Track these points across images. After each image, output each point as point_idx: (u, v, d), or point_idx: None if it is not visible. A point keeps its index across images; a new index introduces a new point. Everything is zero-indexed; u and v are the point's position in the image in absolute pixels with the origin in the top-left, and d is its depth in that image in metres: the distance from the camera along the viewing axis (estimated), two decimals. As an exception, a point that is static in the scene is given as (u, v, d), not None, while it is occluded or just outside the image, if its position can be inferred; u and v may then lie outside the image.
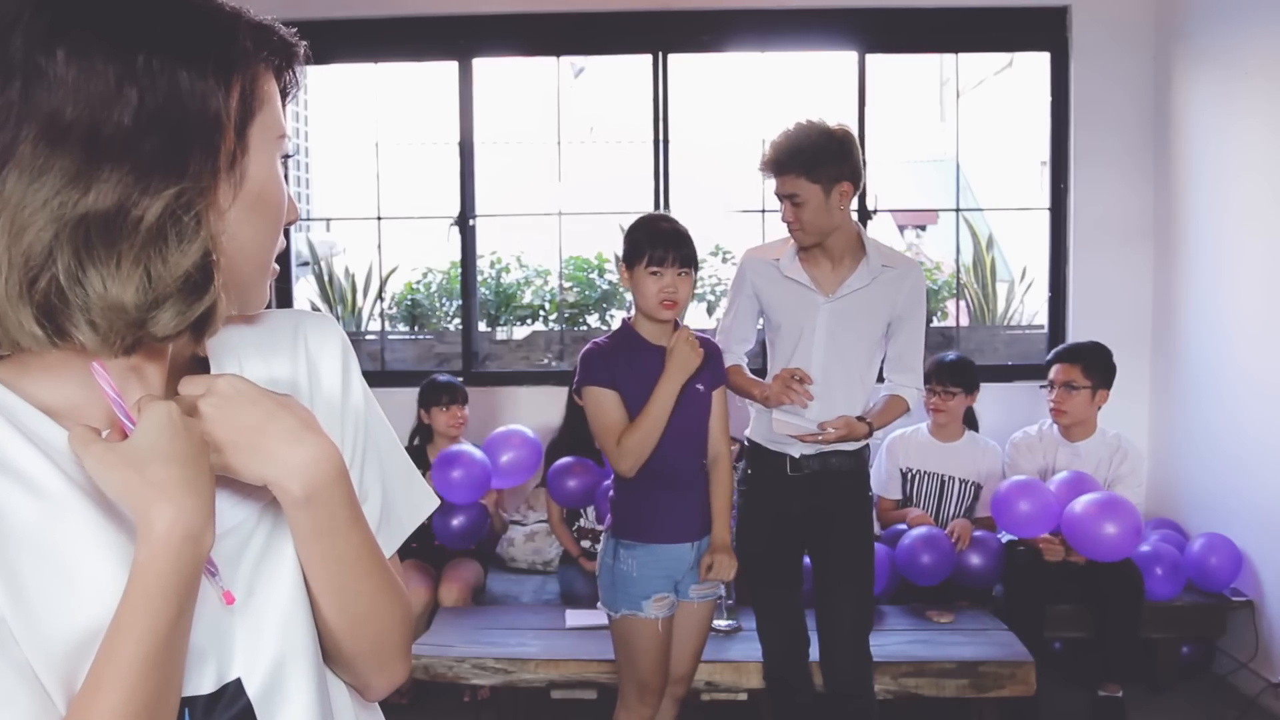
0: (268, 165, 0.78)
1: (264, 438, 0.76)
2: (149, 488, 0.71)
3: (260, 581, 0.81)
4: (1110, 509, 3.32)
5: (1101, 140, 4.37)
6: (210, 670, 0.78)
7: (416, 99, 7.67)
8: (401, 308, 5.76)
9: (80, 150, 0.69)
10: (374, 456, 0.92)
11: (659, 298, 2.49)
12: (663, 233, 2.50)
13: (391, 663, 0.90)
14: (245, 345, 0.87)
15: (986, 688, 3.00)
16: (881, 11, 4.42)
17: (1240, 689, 3.64)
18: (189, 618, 0.73)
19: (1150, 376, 4.37)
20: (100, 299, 0.70)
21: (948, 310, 5.89)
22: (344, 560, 0.81)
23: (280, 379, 0.87)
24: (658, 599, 2.55)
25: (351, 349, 0.93)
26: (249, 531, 0.81)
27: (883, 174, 5.56)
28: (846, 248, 2.78)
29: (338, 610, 0.83)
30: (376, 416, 0.95)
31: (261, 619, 0.80)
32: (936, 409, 3.82)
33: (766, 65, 5.08)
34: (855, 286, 2.76)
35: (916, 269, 2.87)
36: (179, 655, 0.73)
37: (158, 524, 0.70)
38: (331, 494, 0.78)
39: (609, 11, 4.45)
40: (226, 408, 0.75)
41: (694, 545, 2.62)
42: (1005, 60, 9.88)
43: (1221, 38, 3.86)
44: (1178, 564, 3.65)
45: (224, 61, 0.74)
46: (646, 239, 2.50)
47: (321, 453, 0.77)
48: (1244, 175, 3.72)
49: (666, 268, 2.47)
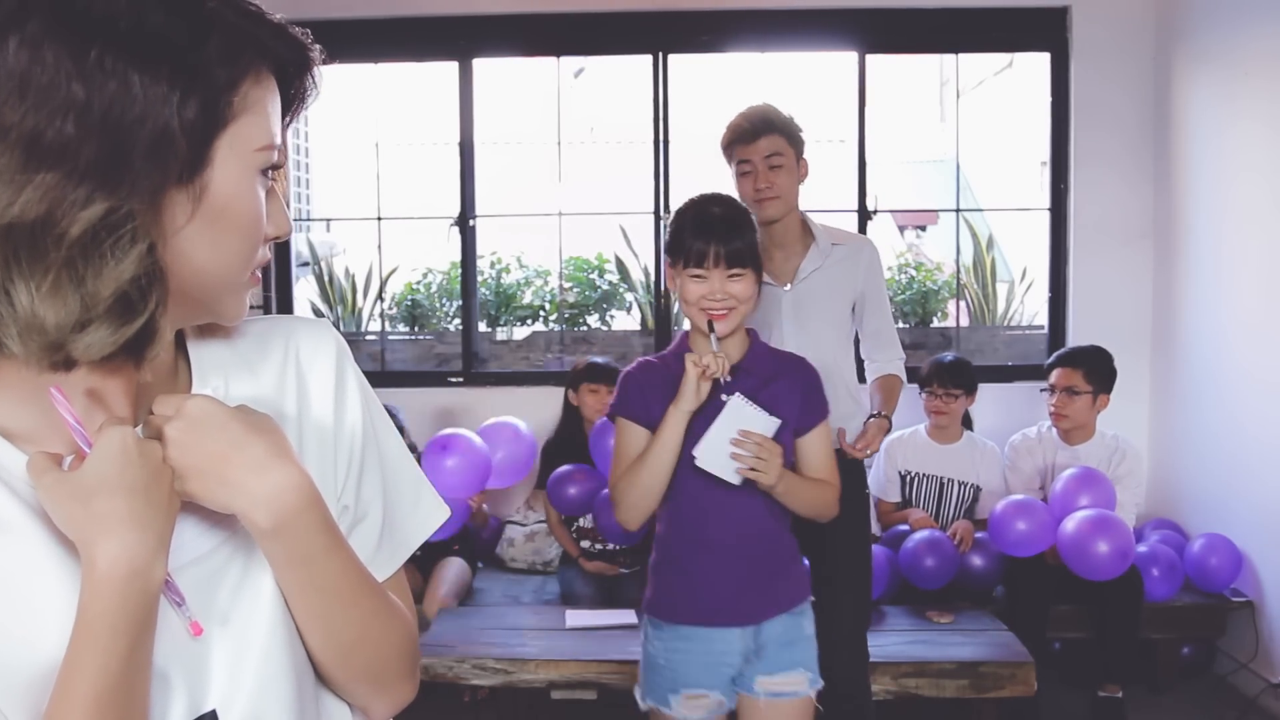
0: (238, 178, 0.73)
1: (229, 466, 0.72)
2: (92, 522, 0.68)
3: (238, 609, 0.78)
4: (1102, 527, 3.31)
5: (1101, 141, 4.37)
6: (180, 701, 0.75)
7: (416, 99, 7.68)
8: (402, 308, 5.75)
9: (18, 152, 0.64)
10: (374, 471, 0.89)
11: (700, 305, 1.95)
12: (709, 220, 1.96)
13: (392, 686, 0.87)
14: (234, 359, 0.84)
15: (986, 688, 3.00)
16: (881, 11, 4.42)
17: (1240, 689, 3.64)
18: (145, 652, 0.71)
19: (1150, 376, 4.36)
20: (24, 314, 0.66)
21: (948, 311, 5.88)
22: (325, 588, 0.78)
23: (266, 396, 0.83)
24: (691, 697, 1.96)
25: (349, 358, 0.89)
26: (226, 557, 0.78)
27: (883, 174, 5.55)
28: (795, 234, 2.76)
29: (324, 638, 0.80)
30: (381, 427, 0.91)
31: (241, 648, 0.77)
32: (938, 411, 3.81)
33: (766, 65, 5.09)
34: (810, 269, 2.73)
35: (868, 243, 2.86)
36: (138, 689, 0.71)
37: (100, 561, 0.68)
38: (301, 523, 0.75)
39: (609, 12, 4.45)
40: (193, 433, 0.72)
41: (749, 631, 1.99)
42: (1005, 60, 9.87)
43: (1221, 38, 3.86)
44: (1178, 564, 3.65)
45: (183, 66, 0.68)
46: (691, 227, 1.97)
47: (289, 482, 0.74)
48: (1244, 175, 3.72)
49: (710, 268, 1.94)
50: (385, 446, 0.91)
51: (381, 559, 0.89)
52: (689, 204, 2.03)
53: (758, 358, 2.03)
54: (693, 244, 1.94)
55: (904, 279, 5.63)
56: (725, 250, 1.92)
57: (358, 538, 0.87)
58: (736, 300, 1.93)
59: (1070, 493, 3.49)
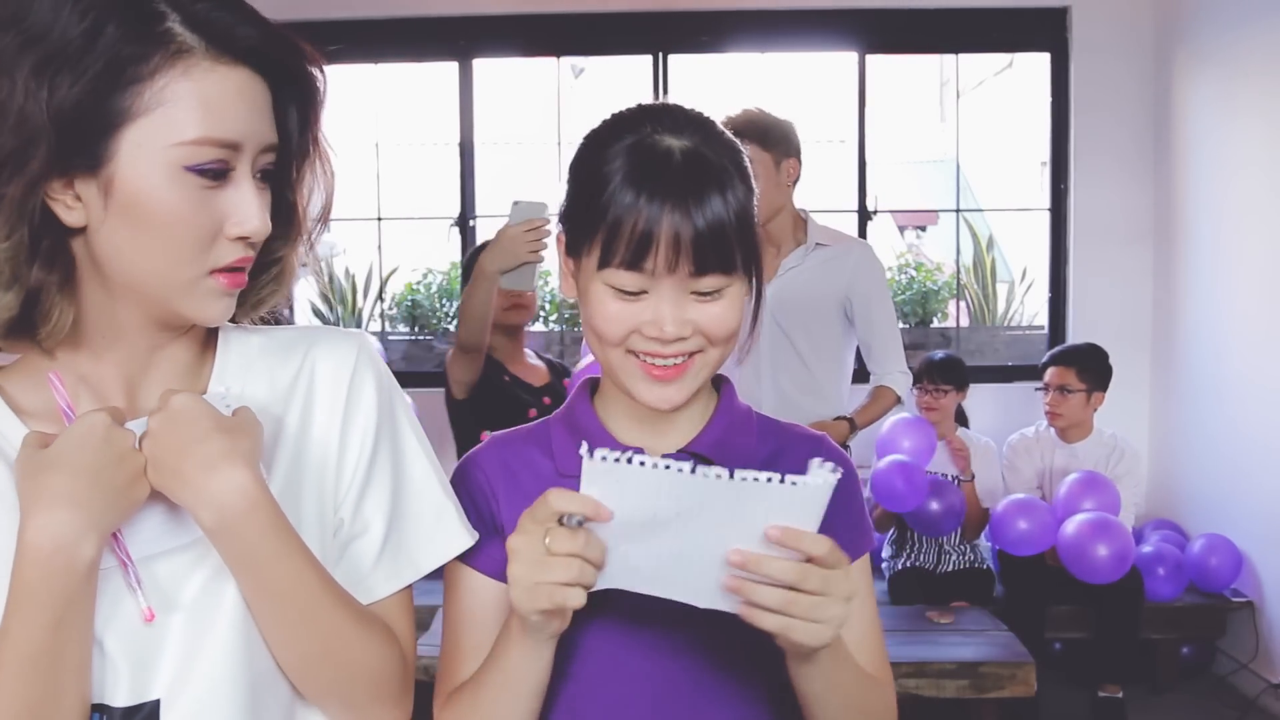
0: (147, 174, 0.72)
1: (185, 461, 0.74)
2: (33, 495, 0.71)
3: (202, 605, 0.78)
4: (1102, 531, 3.31)
5: (1102, 140, 4.37)
6: (123, 683, 0.76)
7: (416, 99, 7.67)
8: (402, 308, 5.74)
9: None
10: (382, 488, 0.87)
11: (629, 345, 0.95)
12: (659, 163, 0.91)
13: (368, 710, 0.85)
14: (259, 363, 0.86)
15: (986, 688, 3.00)
16: (881, 12, 4.42)
17: (1240, 689, 3.64)
18: (77, 628, 0.72)
19: (1150, 376, 4.36)
20: None
21: (948, 311, 5.88)
22: (276, 594, 0.78)
23: (273, 402, 0.84)
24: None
25: (371, 374, 0.87)
26: (201, 553, 0.79)
27: (883, 174, 5.55)
28: (787, 233, 2.71)
29: (284, 646, 0.80)
30: (406, 446, 0.89)
31: (196, 643, 0.78)
32: (928, 408, 3.81)
33: (766, 66, 5.08)
34: (790, 266, 2.68)
35: (860, 246, 2.77)
36: (69, 663, 0.72)
37: (28, 532, 0.71)
38: (244, 525, 0.75)
39: (609, 12, 4.45)
40: (167, 426, 0.74)
41: None
42: (1005, 61, 9.88)
43: (1221, 38, 3.86)
44: (1178, 564, 3.65)
45: (59, 58, 0.69)
46: (624, 177, 0.91)
47: (234, 484, 0.74)
48: (1244, 175, 3.72)
49: (657, 273, 0.91)
50: (407, 465, 0.89)
51: (379, 577, 0.87)
52: (618, 120, 0.98)
53: (734, 431, 1.01)
54: (621, 217, 0.89)
55: (904, 279, 5.62)
56: (692, 234, 0.88)
57: (352, 553, 0.86)
58: (707, 340, 0.93)
59: (1074, 496, 3.48)
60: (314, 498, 0.85)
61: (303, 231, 0.86)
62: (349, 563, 0.86)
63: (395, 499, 0.87)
